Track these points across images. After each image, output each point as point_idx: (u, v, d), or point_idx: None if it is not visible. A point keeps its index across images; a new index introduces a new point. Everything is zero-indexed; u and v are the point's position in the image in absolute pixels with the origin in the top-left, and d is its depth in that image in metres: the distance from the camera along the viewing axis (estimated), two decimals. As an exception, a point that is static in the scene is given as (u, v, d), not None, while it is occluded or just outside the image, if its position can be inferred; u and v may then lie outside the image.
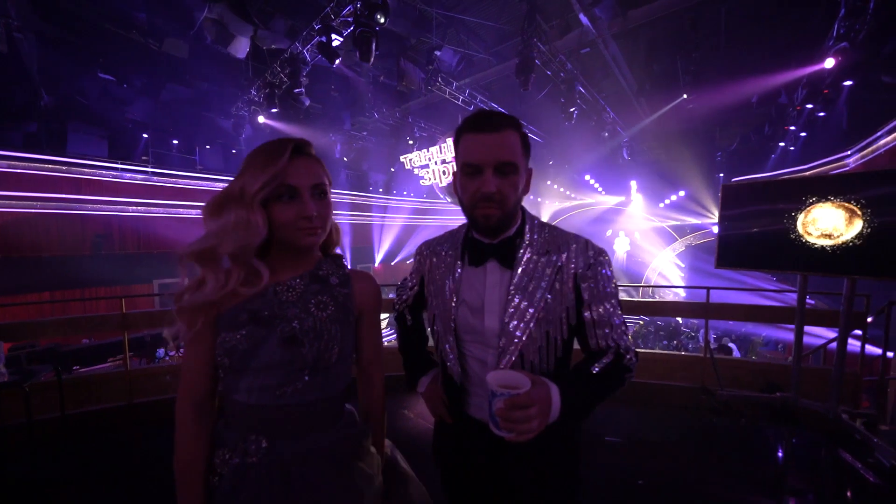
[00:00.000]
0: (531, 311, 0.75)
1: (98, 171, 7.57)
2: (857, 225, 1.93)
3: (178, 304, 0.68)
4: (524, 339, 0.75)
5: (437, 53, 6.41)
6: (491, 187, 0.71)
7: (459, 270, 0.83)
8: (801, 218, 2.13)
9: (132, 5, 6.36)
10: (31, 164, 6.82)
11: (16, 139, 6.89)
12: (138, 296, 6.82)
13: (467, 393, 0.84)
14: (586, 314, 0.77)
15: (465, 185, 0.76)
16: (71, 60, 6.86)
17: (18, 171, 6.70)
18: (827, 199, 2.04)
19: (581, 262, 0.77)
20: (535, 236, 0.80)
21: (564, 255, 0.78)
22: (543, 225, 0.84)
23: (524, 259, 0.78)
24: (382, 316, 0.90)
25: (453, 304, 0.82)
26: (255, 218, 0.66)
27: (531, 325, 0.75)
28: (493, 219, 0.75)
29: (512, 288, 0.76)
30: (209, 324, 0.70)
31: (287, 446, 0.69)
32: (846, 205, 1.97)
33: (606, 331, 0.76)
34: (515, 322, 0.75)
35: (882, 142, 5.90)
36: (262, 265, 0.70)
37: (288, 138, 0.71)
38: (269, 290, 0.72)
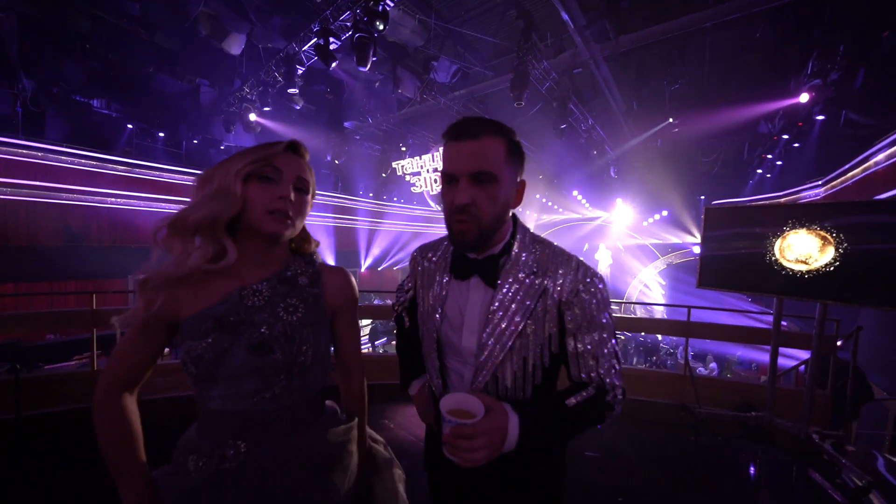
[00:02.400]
0: (508, 334, 0.72)
1: (76, 160, 7.27)
2: (829, 252, 2.02)
3: (142, 278, 0.65)
4: (499, 361, 0.73)
5: (434, 64, 6.49)
6: (464, 198, 0.67)
7: (446, 282, 0.81)
8: (778, 243, 2.23)
9: (125, -7, 6.23)
10: (4, 149, 6.50)
11: (-10, 123, 6.58)
12: (110, 292, 6.52)
13: None
14: (570, 344, 0.72)
15: (445, 194, 0.72)
16: (53, 45, 6.63)
17: (-11, 155, 6.38)
18: (802, 226, 2.13)
19: (568, 287, 0.72)
20: (524, 255, 0.75)
21: (551, 279, 0.72)
22: (536, 241, 0.78)
23: (508, 280, 0.74)
24: (364, 323, 0.88)
25: (437, 317, 0.80)
26: (233, 188, 0.65)
27: (507, 348, 0.72)
28: (470, 236, 0.70)
29: (492, 308, 0.73)
30: (165, 321, 0.67)
31: (267, 449, 0.68)
32: (819, 232, 2.06)
33: (591, 363, 0.71)
34: (492, 343, 0.72)
35: (850, 174, 6.25)
36: (231, 243, 0.67)
37: (292, 140, 0.74)
38: (233, 294, 0.68)
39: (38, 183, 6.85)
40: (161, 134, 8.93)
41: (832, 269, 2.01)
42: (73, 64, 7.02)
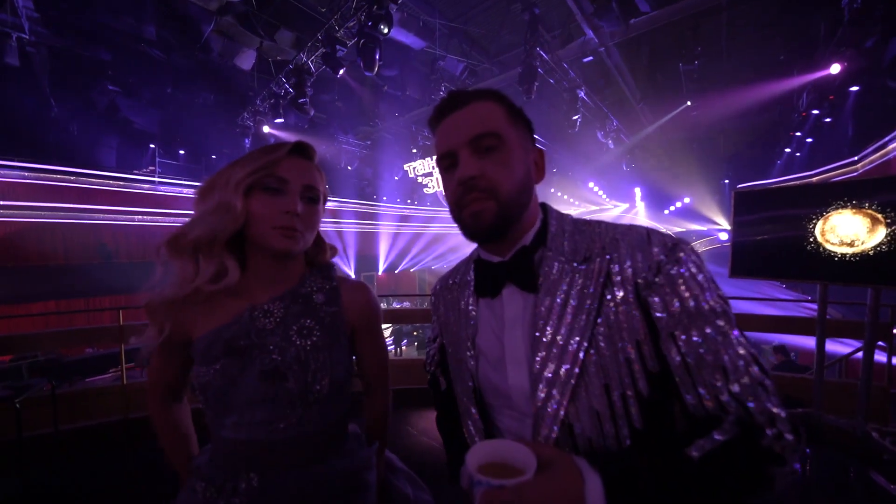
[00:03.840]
0: (571, 352, 0.48)
1: (105, 181, 7.64)
2: (881, 232, 1.85)
3: (146, 302, 0.63)
4: (566, 399, 0.48)
5: (441, 64, 6.46)
6: (470, 170, 0.51)
7: (472, 306, 0.60)
8: (819, 225, 2.06)
9: (142, 19, 6.49)
10: (41, 175, 6.90)
11: (27, 150, 7.00)
12: (136, 307, 6.81)
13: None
14: (670, 351, 0.46)
15: (447, 184, 0.56)
16: (80, 73, 6.99)
17: (28, 181, 6.78)
18: (846, 206, 1.96)
19: (641, 263, 0.49)
20: (566, 239, 0.55)
21: (612, 260, 0.50)
22: (574, 221, 0.58)
23: (552, 273, 0.53)
24: (383, 327, 0.82)
25: (470, 357, 0.58)
26: (234, 202, 0.59)
27: (574, 375, 0.48)
28: (487, 214, 0.52)
29: (540, 321, 0.51)
30: (179, 342, 0.66)
31: (282, 483, 0.62)
32: (868, 211, 1.90)
33: (715, 378, 0.43)
34: (550, 371, 0.49)
35: (891, 146, 5.82)
36: (233, 261, 0.62)
37: (296, 142, 0.67)
38: (244, 315, 0.63)
39: (71, 206, 7.23)
40: (181, 151, 9.28)
41: (885, 250, 1.84)
42: (98, 90, 7.38)
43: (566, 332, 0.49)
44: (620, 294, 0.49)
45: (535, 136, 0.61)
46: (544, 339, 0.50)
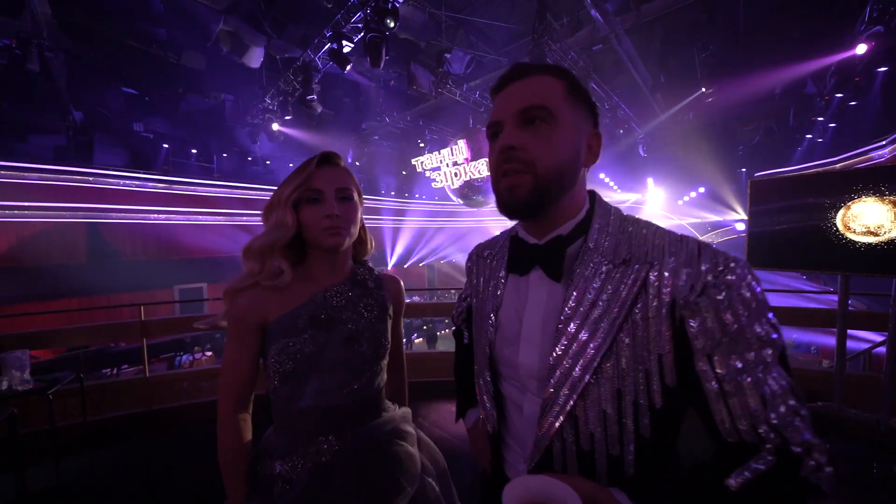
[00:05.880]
0: (591, 352, 0.48)
1: (121, 181, 7.83)
2: (907, 220, 1.77)
3: (224, 289, 0.77)
4: (577, 395, 0.49)
5: (447, 56, 6.39)
6: (511, 139, 0.51)
7: (503, 280, 0.62)
8: (840, 214, 1.99)
9: (153, 21, 6.59)
10: (59, 176, 7.11)
11: (47, 152, 7.23)
12: (159, 303, 7.01)
13: (504, 444, 0.63)
14: (705, 375, 0.44)
15: (490, 155, 0.57)
16: (96, 76, 7.16)
17: (48, 182, 7.00)
18: (870, 194, 1.88)
19: (685, 280, 0.46)
20: (607, 239, 0.53)
21: (654, 268, 0.48)
22: (624, 219, 0.56)
23: (587, 270, 0.51)
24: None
25: (490, 326, 0.61)
26: (286, 218, 0.74)
27: (589, 374, 0.48)
28: (521, 189, 0.51)
29: (565, 315, 0.51)
30: (255, 322, 0.75)
31: (354, 437, 0.77)
32: (892, 198, 1.82)
33: (751, 405, 0.42)
34: (567, 365, 0.49)
35: (921, 130, 5.54)
36: (286, 263, 0.75)
37: (323, 153, 0.80)
38: (318, 295, 0.78)
39: (89, 205, 7.45)
40: (194, 150, 9.44)
41: (911, 238, 1.77)
42: (113, 92, 7.55)
43: (589, 333, 0.49)
44: (654, 306, 0.47)
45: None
46: (567, 334, 0.50)
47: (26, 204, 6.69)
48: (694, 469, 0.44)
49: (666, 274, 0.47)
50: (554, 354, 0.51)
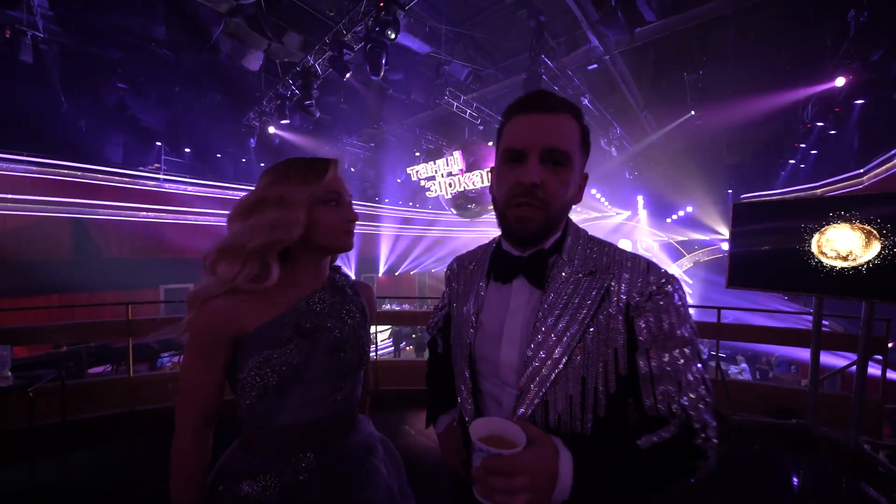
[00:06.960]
0: (563, 345, 0.57)
1: (111, 178, 7.72)
2: (875, 247, 1.87)
3: (189, 296, 0.69)
4: (550, 382, 0.57)
5: (446, 68, 6.51)
6: (534, 176, 0.56)
7: (483, 287, 0.69)
8: (815, 238, 2.08)
9: (152, 19, 6.59)
10: (47, 170, 6.98)
11: (37, 146, 7.10)
12: (145, 303, 6.86)
13: None
14: (641, 363, 0.56)
15: (503, 175, 0.60)
16: (90, 70, 7.09)
17: (34, 175, 6.87)
18: (843, 220, 1.98)
19: (637, 288, 0.58)
20: (579, 252, 0.63)
21: (614, 279, 0.59)
22: (593, 240, 0.66)
23: (560, 277, 0.61)
24: (383, 328, 0.97)
25: (471, 328, 0.67)
26: (299, 215, 0.68)
27: (562, 364, 0.57)
28: (532, 224, 0.59)
29: (541, 313, 0.59)
30: (227, 336, 0.66)
31: (332, 452, 0.73)
32: (862, 226, 1.92)
33: (670, 389, 0.54)
34: (542, 356, 0.58)
35: None
36: (276, 264, 0.70)
37: (323, 158, 0.78)
38: (301, 302, 0.73)
39: (76, 200, 7.31)
40: (187, 150, 9.36)
41: (878, 265, 1.86)
42: (107, 88, 7.48)
43: (562, 328, 0.58)
44: (613, 310, 0.58)
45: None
46: (542, 329, 0.59)
47: (10, 196, 6.55)
48: (617, 433, 0.56)
49: (623, 284, 0.59)
50: (531, 347, 0.59)
